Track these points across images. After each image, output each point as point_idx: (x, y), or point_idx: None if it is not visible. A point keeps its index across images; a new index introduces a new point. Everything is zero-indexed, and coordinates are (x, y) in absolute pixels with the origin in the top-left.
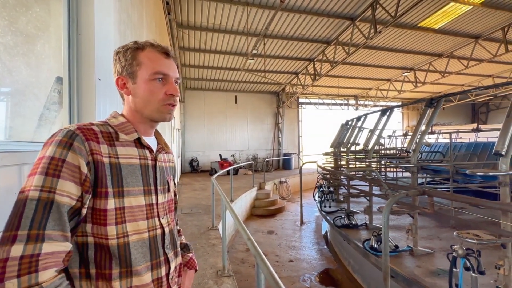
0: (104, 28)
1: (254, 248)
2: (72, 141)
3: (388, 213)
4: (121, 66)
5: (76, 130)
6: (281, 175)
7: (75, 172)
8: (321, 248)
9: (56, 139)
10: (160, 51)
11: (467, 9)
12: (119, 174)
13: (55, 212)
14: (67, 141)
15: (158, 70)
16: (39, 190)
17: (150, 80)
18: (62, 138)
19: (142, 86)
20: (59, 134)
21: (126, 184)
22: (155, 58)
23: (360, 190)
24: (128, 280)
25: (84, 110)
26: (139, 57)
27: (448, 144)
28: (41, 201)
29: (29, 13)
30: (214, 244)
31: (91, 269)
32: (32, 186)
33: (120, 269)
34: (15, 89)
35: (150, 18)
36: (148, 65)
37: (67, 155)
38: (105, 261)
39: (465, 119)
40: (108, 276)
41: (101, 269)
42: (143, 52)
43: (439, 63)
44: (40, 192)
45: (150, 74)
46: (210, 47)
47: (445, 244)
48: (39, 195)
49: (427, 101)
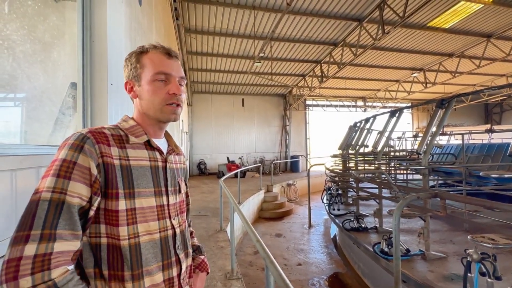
0: (116, 35)
1: (264, 250)
2: (83, 144)
3: (399, 216)
4: (128, 71)
5: (88, 133)
6: (289, 177)
7: (86, 174)
8: (330, 252)
9: (69, 143)
10: (162, 52)
11: (478, 8)
12: (129, 175)
13: (66, 212)
14: (79, 144)
15: (160, 70)
16: (51, 191)
17: (153, 81)
18: (74, 141)
19: (146, 87)
20: (72, 137)
21: (137, 185)
22: (157, 59)
23: (370, 193)
24: (141, 282)
25: (96, 114)
26: (143, 60)
27: (460, 146)
28: (52, 202)
29: (46, 22)
30: (223, 247)
31: (103, 270)
32: (45, 188)
33: (132, 272)
34: (33, 95)
35: (159, 23)
36: (150, 67)
37: (78, 158)
38: (117, 263)
39: (477, 120)
40: (120, 277)
41: (113, 270)
42: (147, 54)
43: (449, 63)
44: (52, 193)
45: (152, 75)
46: (217, 51)
47: (459, 248)
48: (51, 196)
49: (438, 102)
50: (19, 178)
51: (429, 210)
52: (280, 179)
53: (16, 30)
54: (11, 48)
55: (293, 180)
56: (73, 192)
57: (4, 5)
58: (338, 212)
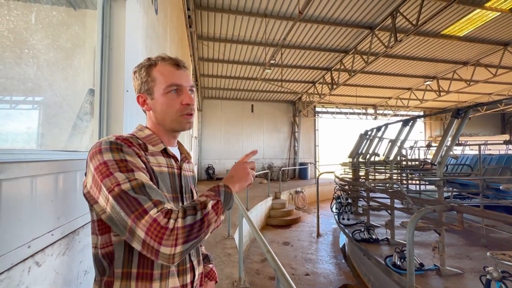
0: (133, 43)
1: (274, 261)
2: (121, 147)
3: (413, 229)
4: (138, 84)
5: (117, 140)
6: (297, 184)
7: (139, 165)
8: (339, 262)
9: (104, 147)
10: (171, 64)
11: (495, 16)
12: (157, 179)
13: (149, 187)
14: (116, 147)
15: (172, 82)
16: (127, 182)
17: (166, 93)
18: (110, 146)
19: (160, 100)
20: (103, 143)
21: (161, 189)
22: (167, 72)
23: (381, 203)
24: (167, 282)
25: (112, 120)
26: (153, 73)
27: (476, 157)
28: (135, 188)
29: (68, 31)
30: (230, 254)
31: (133, 268)
32: (117, 182)
33: (161, 270)
34: (54, 101)
35: (173, 31)
36: (162, 80)
37: (125, 156)
38: (147, 260)
39: (493, 129)
40: (149, 276)
41: (143, 269)
42: (156, 67)
43: (464, 71)
44: (129, 183)
45: (165, 87)
46: (228, 57)
47: (476, 264)
48: (130, 185)
49: (454, 112)
50: (38, 185)
51: (444, 224)
52: (288, 186)
53: (41, 40)
54: (36, 57)
55: (302, 187)
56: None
57: (31, 16)
58: (347, 222)
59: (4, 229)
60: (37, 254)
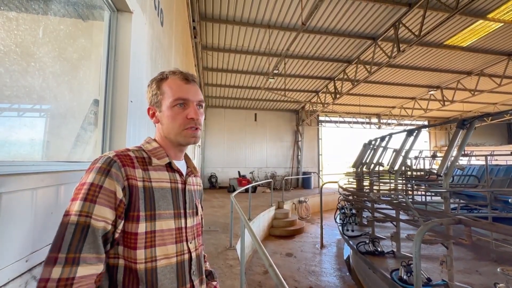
0: (138, 54)
1: (277, 277)
2: (110, 168)
3: (420, 242)
4: (150, 97)
5: (114, 157)
6: (300, 194)
7: (111, 198)
8: (343, 275)
9: (96, 166)
10: (180, 78)
11: (498, 27)
12: (152, 197)
13: (91, 235)
14: (106, 168)
15: (178, 96)
16: (78, 214)
17: (172, 106)
18: (102, 165)
19: (166, 113)
20: (100, 161)
21: (158, 207)
22: (175, 86)
23: (386, 215)
24: None
25: (116, 130)
26: (163, 87)
27: (483, 167)
28: (79, 225)
29: (75, 44)
30: (232, 265)
31: None
32: (73, 211)
33: None
34: (58, 112)
35: (178, 42)
36: (169, 93)
37: (104, 181)
38: (132, 285)
39: (499, 139)
40: None
41: None
42: (166, 81)
43: (468, 81)
44: (78, 217)
45: (171, 101)
46: (232, 67)
47: (486, 280)
48: (77, 220)
49: (459, 122)
50: (39, 197)
51: (452, 237)
52: (291, 195)
53: (48, 53)
54: (42, 70)
55: (305, 197)
56: (98, 216)
57: (39, 30)
58: (352, 233)
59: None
60: (35, 268)
